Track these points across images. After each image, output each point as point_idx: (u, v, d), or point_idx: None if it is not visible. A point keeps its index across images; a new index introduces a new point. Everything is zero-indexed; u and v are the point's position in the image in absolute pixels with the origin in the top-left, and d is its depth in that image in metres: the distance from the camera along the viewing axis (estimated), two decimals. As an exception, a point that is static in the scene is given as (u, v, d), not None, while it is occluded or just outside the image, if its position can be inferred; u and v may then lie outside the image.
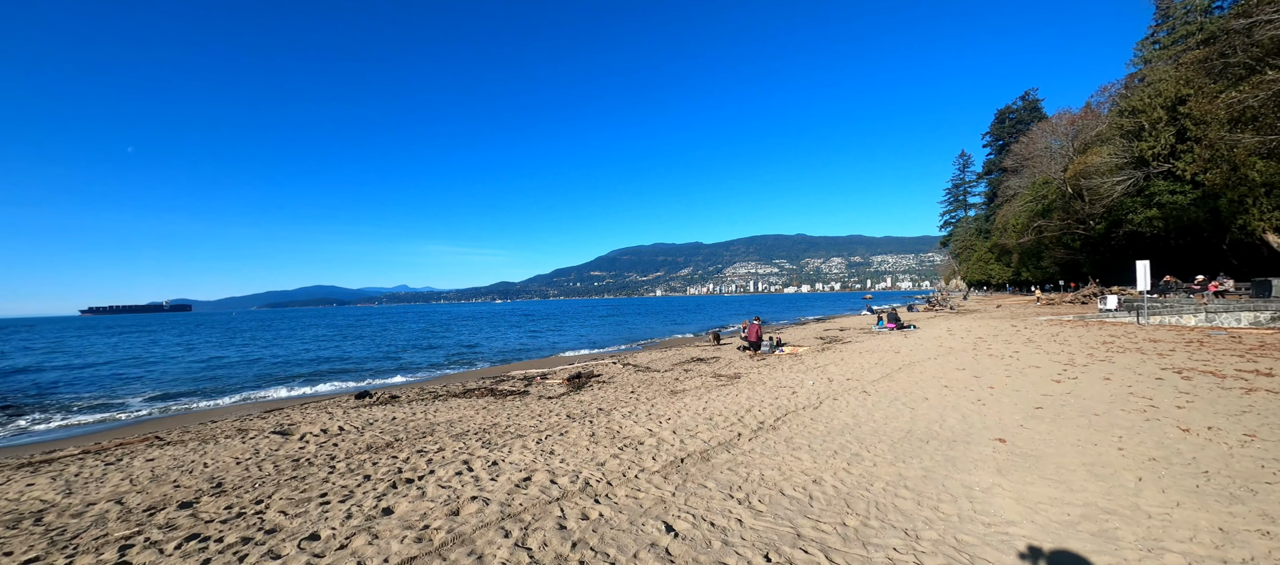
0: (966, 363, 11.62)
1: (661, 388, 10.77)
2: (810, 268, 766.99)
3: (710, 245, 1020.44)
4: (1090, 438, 5.68)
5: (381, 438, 7.55)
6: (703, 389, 10.20)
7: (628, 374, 13.58)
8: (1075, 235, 54.47)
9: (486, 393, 11.61)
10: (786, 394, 8.86)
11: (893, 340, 18.08)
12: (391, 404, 10.87)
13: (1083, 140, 55.37)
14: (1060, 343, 14.24)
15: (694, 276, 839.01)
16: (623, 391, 10.63)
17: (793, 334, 24.80)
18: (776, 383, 10.16)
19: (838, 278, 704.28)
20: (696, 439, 6.03)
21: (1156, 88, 40.90)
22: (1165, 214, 41.32)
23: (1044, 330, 17.93)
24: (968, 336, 17.59)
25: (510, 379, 14.23)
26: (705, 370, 13.33)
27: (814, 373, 11.39)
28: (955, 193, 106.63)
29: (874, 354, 14.14)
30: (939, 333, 20.03)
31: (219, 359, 26.69)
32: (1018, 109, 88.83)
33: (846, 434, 6.08)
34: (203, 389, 17.12)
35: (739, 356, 16.25)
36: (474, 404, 10.33)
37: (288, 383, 17.85)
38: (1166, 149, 39.81)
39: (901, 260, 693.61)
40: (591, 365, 16.03)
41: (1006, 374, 10.02)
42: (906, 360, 12.54)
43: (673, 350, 19.73)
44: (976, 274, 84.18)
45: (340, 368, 21.21)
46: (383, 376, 18.39)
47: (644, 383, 11.76)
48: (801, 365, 12.95)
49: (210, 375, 20.26)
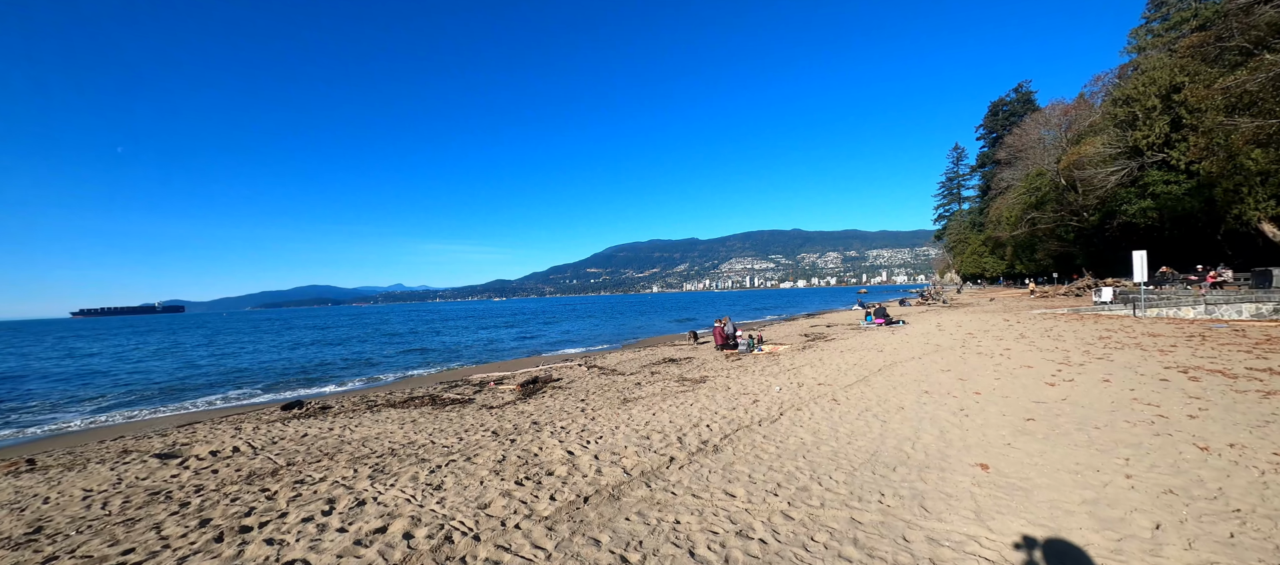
0: (953, 362, 10.64)
1: (617, 395, 9.74)
2: (806, 263, 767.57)
3: (706, 241, 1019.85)
4: (1091, 460, 4.69)
5: (273, 462, 6.50)
6: (659, 396, 9.19)
7: (589, 378, 12.55)
8: (1069, 227, 53.75)
9: (428, 402, 10.56)
10: (747, 403, 7.84)
11: (878, 337, 17.12)
12: (318, 417, 9.81)
13: (1076, 131, 54.59)
14: (1054, 338, 13.30)
15: (690, 273, 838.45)
16: (572, 400, 9.60)
17: (778, 331, 23.84)
18: (741, 388, 9.15)
19: (834, 272, 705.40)
20: (618, 467, 5.01)
21: (1151, 76, 40.03)
22: (1160, 204, 40.55)
23: (1037, 324, 17.01)
24: (957, 332, 16.64)
25: (466, 384, 13.18)
26: (672, 373, 12.32)
27: (786, 375, 10.39)
28: (949, 186, 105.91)
29: (855, 353, 13.16)
30: (928, 328, 19.08)
31: (186, 365, 25.51)
32: (1011, 101, 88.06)
33: (800, 457, 5.07)
34: (148, 397, 16.00)
35: (715, 357, 15.25)
36: (406, 415, 9.27)
37: (239, 389, 16.74)
38: (1161, 138, 38.98)
39: (897, 254, 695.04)
40: (555, 368, 14.99)
41: (995, 376, 9.04)
42: (888, 360, 11.55)
43: (648, 350, 18.71)
44: (971, 267, 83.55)
45: (300, 373, 20.07)
46: (340, 382, 17.30)
47: (601, 388, 10.74)
48: (777, 366, 11.96)
49: (163, 383, 19.11)
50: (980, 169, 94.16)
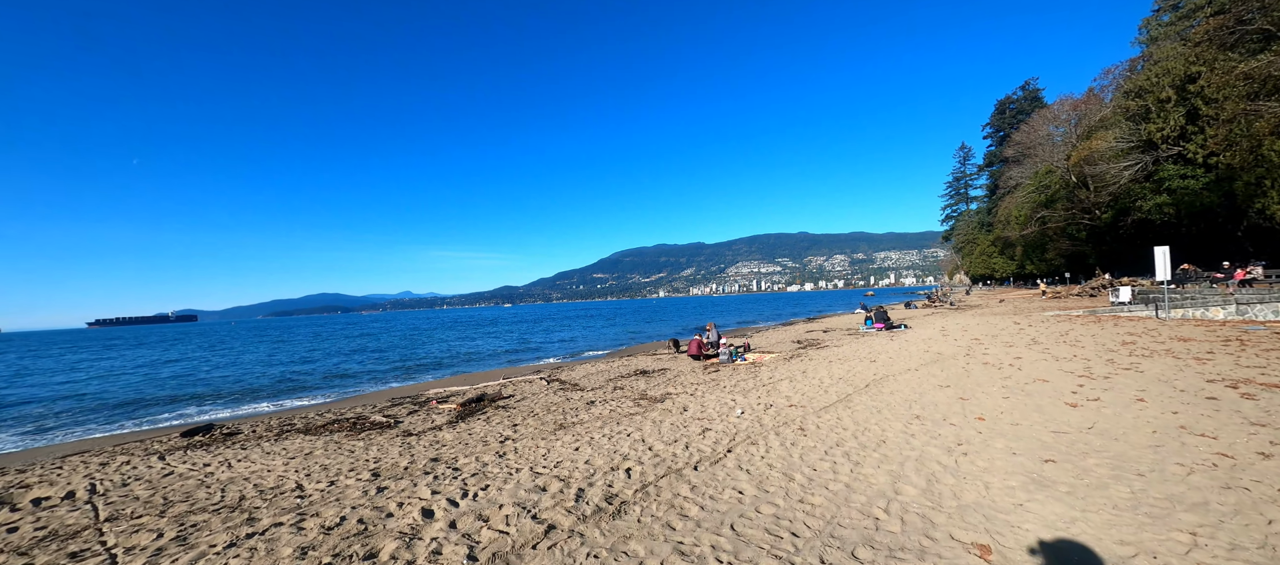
0: (954, 375, 9.14)
1: (557, 419, 8.34)
2: (814, 266, 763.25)
3: (712, 245, 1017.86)
4: (1141, 536, 3.25)
5: (91, 515, 5.17)
6: (602, 420, 7.77)
7: (543, 395, 11.16)
8: (1081, 225, 51.80)
9: (347, 427, 9.20)
10: (695, 432, 6.41)
11: (875, 344, 15.59)
12: (216, 445, 8.49)
13: (1086, 126, 52.66)
14: (1071, 344, 11.75)
15: (697, 277, 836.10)
16: (504, 425, 8.21)
17: (771, 337, 22.33)
18: (699, 409, 7.72)
19: (841, 275, 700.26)
20: (465, 546, 3.62)
21: (1165, 66, 38.18)
22: (1176, 200, 38.63)
23: (1051, 328, 15.42)
24: (963, 338, 15.08)
25: (410, 402, 11.85)
26: (635, 389, 10.89)
27: (760, 391, 8.95)
28: (956, 186, 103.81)
29: (845, 364, 11.67)
30: (931, 333, 17.52)
31: (153, 378, 24.43)
32: (1018, 99, 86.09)
33: (726, 527, 3.65)
34: (83, 415, 14.81)
35: (692, 367, 13.82)
36: (310, 445, 7.93)
37: (184, 406, 15.48)
38: (1176, 131, 37.11)
39: (905, 256, 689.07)
40: (516, 382, 13.61)
41: (1004, 392, 7.54)
42: (880, 372, 10.06)
43: (623, 360, 17.27)
44: (979, 268, 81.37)
45: (246, 391, 18.58)
46: (288, 398, 15.98)
47: (547, 409, 9.34)
48: (754, 380, 10.51)
49: (114, 399, 17.92)
50: (988, 168, 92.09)
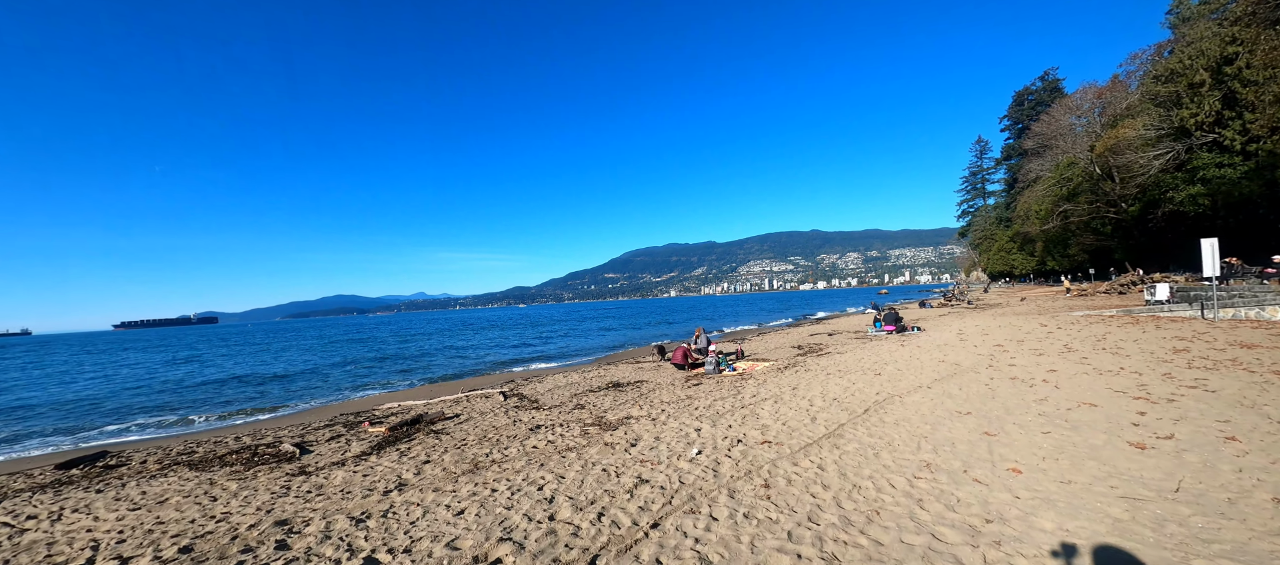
0: (975, 396, 7.47)
1: (481, 453, 6.87)
2: (826, 264, 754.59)
3: (723, 244, 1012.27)
4: None
5: None
6: (528, 458, 6.27)
7: (491, 415, 9.70)
8: (1106, 219, 49.11)
9: (245, 459, 7.83)
10: (629, 483, 4.88)
11: (883, 350, 13.88)
12: (82, 483, 7.16)
13: (1111, 114, 49.86)
14: (1113, 352, 9.96)
15: (708, 276, 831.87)
16: (414, 462, 6.76)
17: (772, 341, 20.64)
18: (652, 443, 6.18)
19: (855, 273, 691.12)
20: None
21: (1199, 48, 35.57)
22: (1212, 190, 35.99)
23: (1084, 331, 13.56)
24: (984, 343, 13.31)
25: (339, 424, 10.48)
26: (596, 408, 9.38)
27: (735, 416, 7.37)
28: (973, 180, 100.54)
29: (845, 378, 10.02)
30: (947, 337, 15.72)
31: (110, 385, 23.51)
32: (1037, 90, 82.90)
33: None
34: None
35: (673, 379, 12.26)
36: (180, 485, 6.56)
37: (109, 421, 14.14)
38: (1212, 116, 34.52)
39: (920, 253, 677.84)
40: (469, 398, 12.18)
41: (1042, 425, 5.88)
42: (885, 390, 8.41)
43: (599, 370, 15.74)
44: (998, 265, 78.35)
45: (200, 401, 17.14)
46: (234, 413, 14.63)
47: (481, 437, 7.87)
48: (737, 397, 8.93)
49: (39, 409, 16.86)
50: (1006, 162, 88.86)
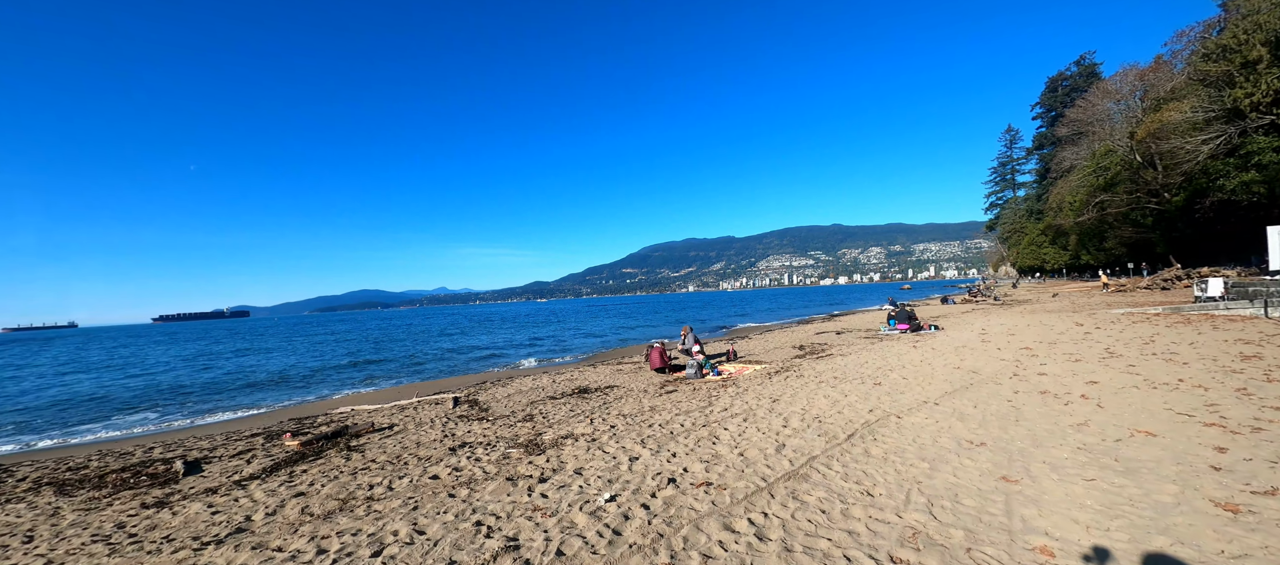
0: (994, 418, 5.94)
1: (368, 483, 5.66)
2: (848, 259, 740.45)
3: (742, 239, 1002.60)
4: None
5: None
6: (410, 495, 5.02)
7: (424, 428, 8.51)
8: (1146, 210, 45.77)
9: (128, 476, 6.78)
10: (490, 548, 3.59)
11: (891, 353, 12.27)
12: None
13: (1154, 97, 46.32)
14: (1166, 359, 8.24)
15: (726, 271, 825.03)
16: (287, 492, 5.59)
17: (772, 339, 19.08)
18: (556, 487, 4.83)
19: (877, 268, 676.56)
20: None
21: (1256, 21, 32.37)
22: (1269, 176, 32.84)
23: (1127, 331, 11.72)
24: (1009, 346, 11.60)
25: (262, 434, 9.44)
26: (546, 419, 8.09)
27: (690, 439, 6.00)
28: (1002, 171, 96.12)
29: (839, 387, 8.52)
30: (967, 337, 13.99)
31: (102, 380, 23.26)
32: (1072, 75, 78.45)
33: None
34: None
35: (649, 383, 10.90)
36: (13, 517, 5.51)
37: (49, 424, 13.30)
38: (1270, 96, 31.41)
39: (945, 248, 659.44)
40: (417, 404, 11.04)
41: (1082, 466, 4.35)
42: (883, 406, 6.91)
43: (575, 371, 14.41)
44: (1028, 259, 74.49)
45: (150, 403, 16.12)
46: (174, 414, 13.66)
47: (391, 460, 6.66)
48: (705, 412, 7.54)
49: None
50: (1037, 151, 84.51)
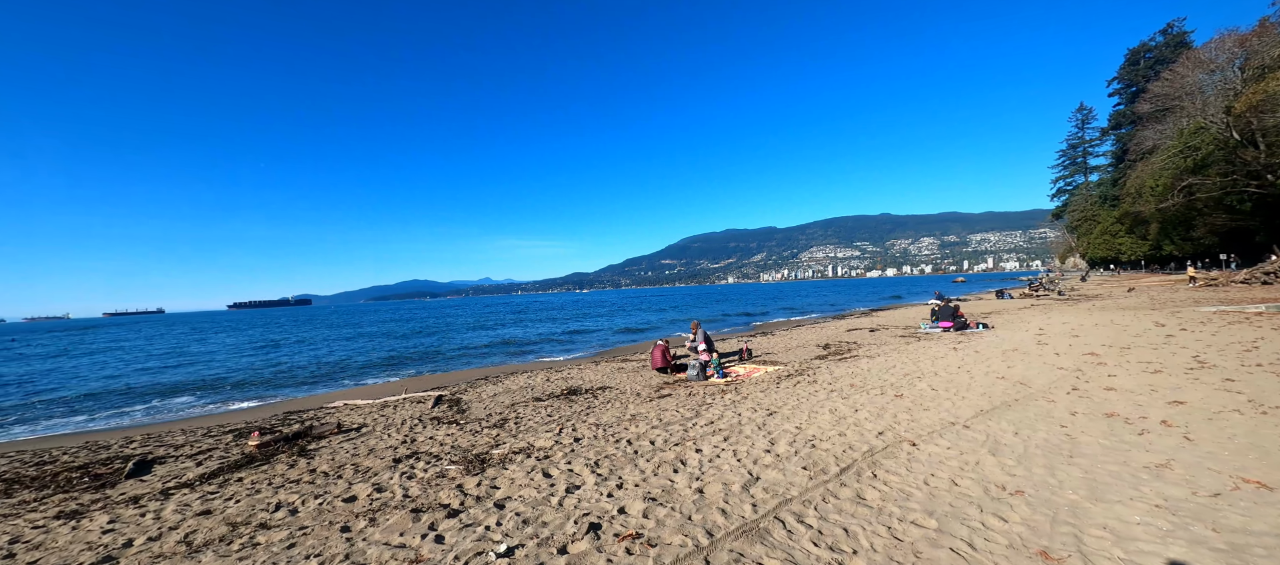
0: (1037, 451, 4.64)
1: (274, 503, 5.01)
2: (897, 249, 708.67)
3: (784, 229, 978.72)
4: None
5: None
6: (300, 527, 4.31)
7: (395, 430, 7.92)
8: (1245, 194, 40.40)
9: (68, 478, 6.50)
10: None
11: (926, 355, 10.77)
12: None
13: (1258, 65, 40.63)
14: (1276, 372, 6.52)
15: (767, 262, 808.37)
16: (196, 510, 5.02)
17: (796, 337, 17.65)
18: (457, 528, 3.96)
19: (929, 260, 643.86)
20: None
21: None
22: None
23: (1219, 334, 9.72)
24: (1069, 349, 9.89)
25: (252, 426, 9.15)
26: (519, 426, 7.31)
27: (648, 465, 5.03)
28: (1072, 154, 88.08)
29: (854, 398, 7.28)
30: (1021, 339, 12.21)
31: (143, 366, 24.58)
32: (1156, 45, 70.49)
33: None
34: None
35: (646, 384, 9.96)
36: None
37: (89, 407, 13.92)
38: None
39: (1005, 238, 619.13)
40: (402, 400, 10.54)
41: (1166, 536, 3.09)
42: (895, 428, 5.68)
43: (577, 368, 13.57)
44: (1100, 250, 67.92)
45: (178, 387, 16.70)
46: (184, 404, 13.89)
47: (330, 471, 6.04)
48: (686, 427, 6.54)
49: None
50: (1114, 131, 76.72)
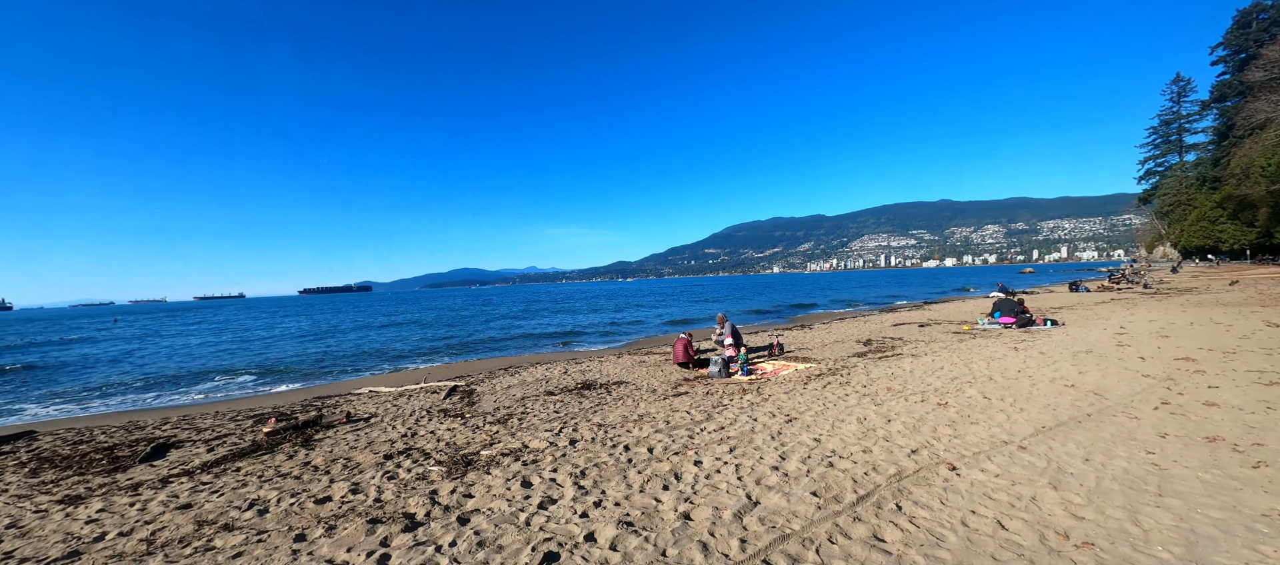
0: (1115, 487, 3.75)
1: (245, 500, 4.83)
2: (957, 238, 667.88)
3: (834, 217, 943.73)
4: None
5: None
6: (293, 519, 4.07)
7: (401, 422, 7.77)
8: (1388, 172, 34.89)
9: (105, 457, 6.70)
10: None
11: (980, 356, 9.60)
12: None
13: None
14: None
15: (815, 252, 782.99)
16: (173, 506, 4.92)
17: (836, 331, 16.49)
18: (423, 541, 3.56)
19: (993, 249, 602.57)
20: None
21: None
22: None
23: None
24: (1158, 353, 8.50)
25: (273, 411, 9.31)
26: (523, 422, 6.95)
27: (638, 477, 4.48)
28: (1165, 132, 79.13)
29: (885, 405, 6.44)
30: (1096, 338, 10.74)
31: (185, 350, 26.31)
32: (1272, 5, 61.61)
33: None
34: None
35: (664, 380, 9.40)
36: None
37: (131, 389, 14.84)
38: None
39: (1083, 225, 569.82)
40: (422, 387, 10.46)
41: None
42: (933, 446, 4.86)
43: (601, 361, 13.09)
44: (1197, 238, 60.78)
45: (236, 368, 17.80)
46: (234, 385, 14.62)
47: (322, 464, 5.89)
48: (695, 432, 5.95)
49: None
50: (1216, 104, 68.08)
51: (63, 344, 31.82)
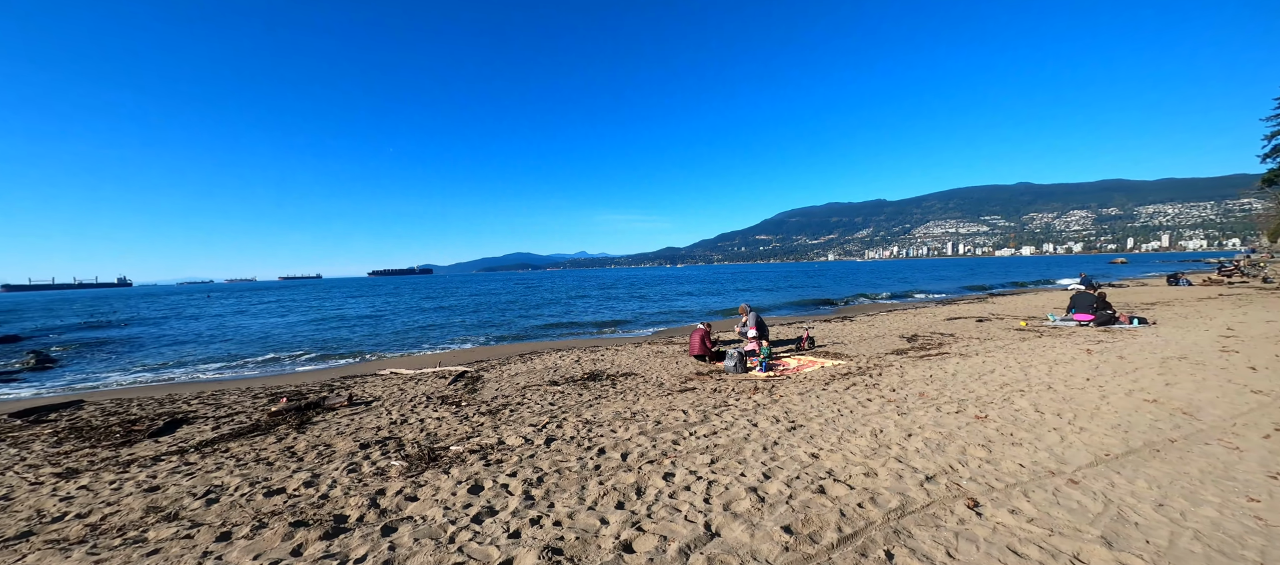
0: (1199, 551, 2.84)
1: (204, 487, 4.71)
2: (1037, 224, 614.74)
3: (895, 202, 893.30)
4: None
5: None
6: (231, 515, 3.87)
7: (397, 408, 7.65)
8: None
9: (124, 429, 6.99)
10: None
11: (1041, 359, 8.30)
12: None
13: None
14: None
15: (873, 239, 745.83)
16: (151, 483, 4.89)
17: (883, 324, 15.13)
18: (334, 553, 3.22)
19: (1080, 236, 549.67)
20: None
21: None
22: None
23: None
24: (1276, 364, 6.97)
25: (284, 390, 9.54)
26: (521, 415, 6.60)
27: (606, 483, 3.94)
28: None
29: (913, 415, 5.55)
30: (1192, 342, 9.09)
31: (228, 326, 28.02)
32: None
33: None
34: None
35: (676, 374, 8.80)
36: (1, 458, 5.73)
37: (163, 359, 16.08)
38: None
39: (1189, 210, 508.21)
40: (437, 370, 10.41)
41: None
42: (956, 475, 4.00)
43: (616, 348, 12.58)
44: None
45: (280, 344, 19.16)
46: (272, 363, 15.39)
47: (305, 448, 5.78)
48: (698, 430, 5.35)
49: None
50: (1370, 65, 57.43)
51: (160, 320, 35.29)
